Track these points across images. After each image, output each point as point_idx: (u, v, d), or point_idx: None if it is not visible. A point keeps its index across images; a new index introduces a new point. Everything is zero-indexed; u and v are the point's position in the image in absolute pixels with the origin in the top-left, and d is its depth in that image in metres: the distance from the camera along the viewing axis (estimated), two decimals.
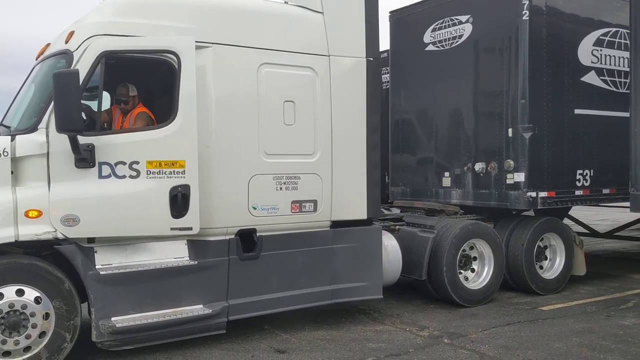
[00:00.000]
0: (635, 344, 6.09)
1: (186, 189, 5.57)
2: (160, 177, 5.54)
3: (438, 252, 7.68)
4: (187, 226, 5.62)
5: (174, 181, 5.56)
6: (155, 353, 5.84)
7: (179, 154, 5.58)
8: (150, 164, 5.53)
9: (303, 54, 6.44)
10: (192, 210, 5.60)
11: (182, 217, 5.58)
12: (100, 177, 5.43)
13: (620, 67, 8.91)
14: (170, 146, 5.58)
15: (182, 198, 5.56)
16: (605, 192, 8.94)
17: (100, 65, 5.46)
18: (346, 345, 6.20)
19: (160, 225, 5.60)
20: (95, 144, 5.40)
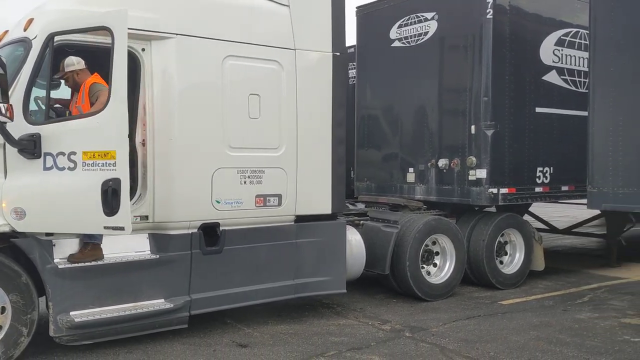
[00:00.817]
0: (590, 337, 6.26)
1: (117, 184, 5.09)
2: (94, 169, 5.13)
3: (401, 246, 7.76)
4: (119, 225, 5.15)
5: (106, 174, 5.11)
6: (115, 348, 5.75)
7: (110, 143, 5.12)
8: (86, 154, 5.14)
9: (269, 47, 6.41)
10: (123, 207, 5.14)
11: (114, 214, 5.11)
12: (45, 169, 5.19)
13: (580, 67, 9.12)
14: (103, 135, 5.14)
15: (113, 193, 5.10)
16: (564, 189, 9.14)
17: (49, 49, 5.22)
18: (309, 339, 6.21)
19: (95, 223, 5.20)
20: (41, 133, 5.16)
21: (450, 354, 5.77)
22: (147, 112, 5.84)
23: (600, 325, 6.72)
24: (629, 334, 6.39)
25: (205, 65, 6.03)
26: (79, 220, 5.27)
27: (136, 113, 5.85)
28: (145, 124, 5.85)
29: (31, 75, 5.25)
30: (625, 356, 5.69)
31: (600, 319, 6.97)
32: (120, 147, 5.12)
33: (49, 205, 5.24)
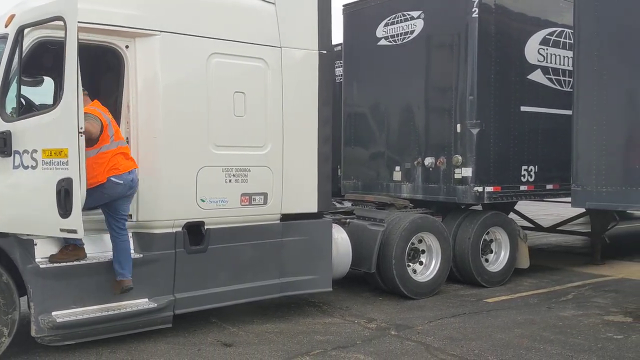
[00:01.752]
0: (574, 335, 6.30)
1: (69, 184, 4.83)
2: (51, 168, 4.91)
3: (387, 245, 7.76)
4: (71, 228, 4.90)
5: (60, 173, 4.88)
6: (98, 348, 5.70)
7: (63, 141, 4.89)
8: (44, 152, 4.94)
9: (254, 45, 6.37)
10: (74, 209, 4.87)
11: (68, 217, 4.86)
12: (14, 167, 5.06)
13: (564, 66, 9.18)
14: (57, 132, 4.93)
15: (65, 194, 4.86)
16: (549, 187, 9.20)
17: (19, 43, 5.05)
18: (294, 337, 6.20)
19: (51, 225, 4.98)
20: (11, 130, 5.04)
21: (436, 352, 5.79)
22: (131, 110, 5.79)
23: (584, 322, 6.77)
24: (612, 331, 6.44)
25: (190, 63, 5.99)
26: (39, 222, 5.09)
27: (120, 111, 5.80)
28: (129, 121, 5.80)
29: (4, 72, 5.10)
30: (608, 353, 5.74)
31: (583, 316, 7.02)
32: (71, 145, 4.86)
33: (16, 205, 5.11)
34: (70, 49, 4.87)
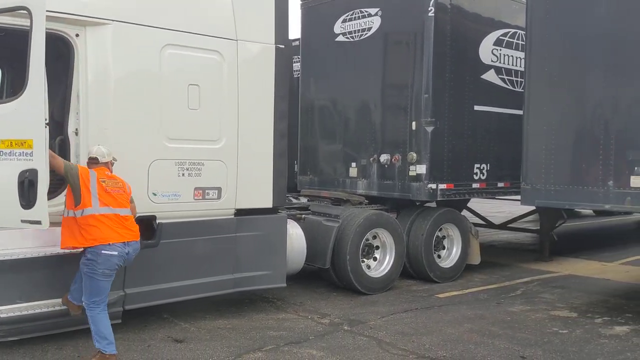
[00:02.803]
0: (521, 330, 6.46)
1: (33, 175, 4.77)
2: (11, 159, 4.82)
3: (342, 241, 7.79)
4: (35, 219, 4.85)
5: (23, 164, 4.80)
6: (44, 344, 5.55)
7: (27, 131, 4.81)
8: (3, 143, 4.83)
9: (210, 37, 6.28)
10: (39, 200, 4.82)
11: (31, 208, 4.81)
12: None
13: (517, 67, 9.38)
14: (20, 122, 4.83)
15: (30, 185, 4.79)
16: (500, 185, 9.40)
17: None
18: (247, 333, 6.17)
19: (11, 216, 4.90)
20: None
21: (387, 347, 5.84)
22: (81, 101, 5.62)
23: (531, 317, 6.94)
24: (558, 326, 6.63)
25: (142, 54, 5.86)
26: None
27: (69, 101, 5.64)
28: (79, 112, 5.64)
29: None
30: (553, 347, 5.90)
31: (531, 311, 7.20)
32: (37, 136, 4.79)
33: None
34: (37, 38, 4.76)
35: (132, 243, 5.20)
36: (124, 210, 5.22)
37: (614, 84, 6.89)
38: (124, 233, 5.14)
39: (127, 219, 5.22)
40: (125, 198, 5.28)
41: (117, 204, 5.17)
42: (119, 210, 5.17)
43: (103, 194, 5.10)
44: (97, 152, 5.35)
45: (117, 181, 5.30)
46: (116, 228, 5.09)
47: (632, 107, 6.92)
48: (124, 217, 5.19)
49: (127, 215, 5.24)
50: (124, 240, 5.12)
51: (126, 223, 5.20)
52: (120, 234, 5.11)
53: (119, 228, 5.11)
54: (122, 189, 5.28)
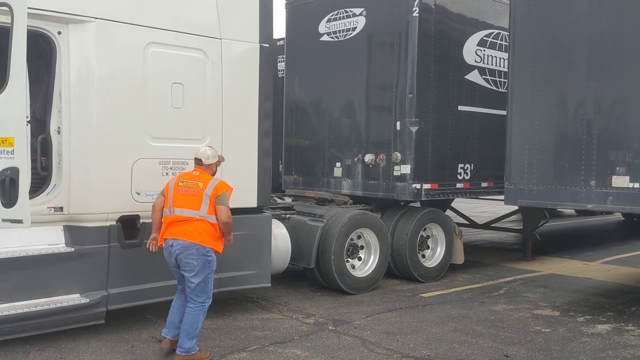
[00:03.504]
0: (504, 329, 6.50)
1: (15, 173, 4.76)
2: None
3: (327, 240, 7.79)
4: (17, 218, 4.83)
5: (4, 162, 4.78)
6: (25, 345, 5.48)
7: (8, 129, 4.78)
8: None
9: (194, 36, 6.25)
10: (21, 199, 4.81)
11: (12, 206, 4.81)
12: None
13: (500, 68, 9.45)
14: (1, 120, 4.81)
15: (11, 183, 4.78)
16: (483, 185, 9.46)
17: None
18: (231, 333, 6.14)
19: None
20: None
21: (372, 347, 5.85)
22: (63, 99, 5.57)
23: (515, 316, 6.99)
24: (540, 324, 6.68)
25: (126, 52, 5.82)
26: None
27: (51, 99, 5.57)
28: (61, 111, 5.58)
29: None
30: (536, 346, 5.95)
31: (514, 310, 7.26)
32: (18, 134, 4.77)
33: None
34: (18, 36, 4.72)
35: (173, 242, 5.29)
36: (184, 210, 5.29)
37: (595, 84, 6.96)
38: (172, 231, 5.29)
39: (180, 219, 5.28)
40: (192, 200, 5.30)
41: (177, 204, 5.32)
42: (178, 210, 5.31)
43: (176, 196, 5.34)
44: (203, 154, 5.55)
45: (195, 182, 5.38)
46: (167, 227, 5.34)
47: (614, 107, 7.01)
48: (179, 217, 5.29)
49: (182, 216, 5.29)
50: (169, 236, 5.32)
51: (178, 222, 5.28)
52: (169, 232, 5.31)
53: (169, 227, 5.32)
54: (193, 189, 5.33)
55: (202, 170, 5.52)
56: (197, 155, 5.54)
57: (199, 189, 5.33)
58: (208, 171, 5.55)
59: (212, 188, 5.34)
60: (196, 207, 5.28)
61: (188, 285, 5.31)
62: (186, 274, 5.28)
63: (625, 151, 6.72)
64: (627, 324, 6.73)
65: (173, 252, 5.27)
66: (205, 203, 5.29)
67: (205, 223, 5.28)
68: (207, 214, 5.29)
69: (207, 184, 5.35)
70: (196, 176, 5.43)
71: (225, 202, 5.36)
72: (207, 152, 5.56)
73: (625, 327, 6.63)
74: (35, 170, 5.51)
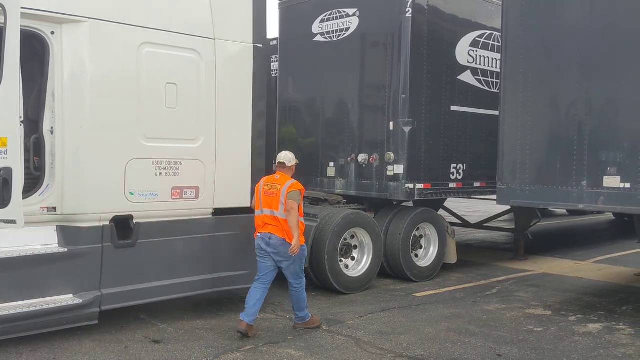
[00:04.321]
0: (497, 328, 6.54)
1: (8, 173, 4.76)
2: None
3: (320, 240, 7.81)
4: (10, 218, 4.83)
5: None
6: (18, 346, 5.46)
7: (1, 129, 4.78)
8: None
9: (187, 36, 6.25)
10: (14, 199, 4.82)
11: (5, 207, 4.81)
12: None
13: (492, 68, 9.49)
14: None
15: (4, 184, 4.78)
16: (476, 185, 9.50)
17: None
18: (225, 333, 6.14)
19: None
20: None
21: (365, 346, 5.87)
22: (56, 99, 5.56)
23: (507, 316, 7.03)
24: (533, 324, 6.72)
25: (119, 52, 5.81)
26: None
27: (44, 99, 5.56)
28: (54, 111, 5.57)
29: None
30: (528, 345, 5.99)
31: (507, 310, 7.30)
32: (11, 134, 4.77)
33: None
34: (12, 36, 4.72)
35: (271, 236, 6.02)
36: (270, 210, 6.04)
37: (587, 84, 7.01)
38: (267, 229, 6.05)
39: (269, 218, 6.05)
40: (273, 201, 6.00)
41: (264, 205, 6.07)
42: (268, 211, 6.04)
43: (263, 198, 6.10)
44: (285, 157, 6.27)
45: (275, 185, 6.08)
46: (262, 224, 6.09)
47: (605, 108, 7.06)
48: (267, 216, 6.05)
49: (270, 216, 6.04)
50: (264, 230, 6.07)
51: (266, 220, 6.06)
52: (265, 228, 6.07)
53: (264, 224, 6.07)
54: (274, 191, 6.04)
55: (283, 173, 6.21)
56: (280, 160, 6.23)
57: (277, 190, 6.03)
58: (289, 173, 6.24)
59: (286, 188, 5.99)
60: (276, 207, 6.01)
61: (287, 273, 6.17)
62: (282, 265, 6.09)
63: (617, 152, 6.78)
64: (618, 323, 6.78)
65: (272, 244, 6.03)
66: (281, 203, 5.97)
67: (285, 221, 5.97)
68: (285, 213, 5.97)
69: (283, 185, 6.02)
70: (277, 179, 6.12)
71: (296, 198, 5.98)
72: (288, 156, 6.28)
73: (617, 326, 6.69)
74: (29, 170, 5.50)
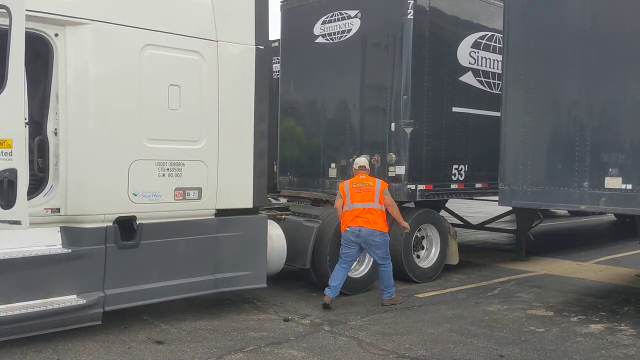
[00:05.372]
0: (499, 329, 6.55)
1: (13, 174, 4.82)
2: None
3: (322, 241, 7.82)
4: (15, 219, 4.89)
5: (3, 164, 4.83)
6: (22, 347, 5.48)
7: (6, 131, 4.83)
8: None
9: (190, 38, 6.27)
10: (19, 200, 4.87)
11: (10, 207, 4.85)
12: None
13: (494, 70, 9.51)
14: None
15: (9, 185, 4.82)
16: (477, 186, 9.52)
17: None
18: (227, 334, 6.16)
19: None
20: None
21: (368, 347, 5.89)
22: (60, 101, 5.59)
23: (509, 316, 7.04)
24: (535, 324, 6.73)
25: (123, 54, 5.83)
26: None
27: (48, 101, 5.59)
28: (58, 112, 5.59)
29: None
30: (530, 346, 6.00)
31: (508, 310, 7.31)
32: (16, 135, 4.84)
33: None
34: (16, 38, 4.76)
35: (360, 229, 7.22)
36: (363, 203, 7.27)
37: (588, 85, 7.02)
38: (358, 221, 7.23)
39: (361, 210, 7.25)
40: (367, 195, 7.31)
41: (356, 200, 7.29)
42: (361, 204, 7.27)
43: (354, 194, 7.31)
44: (364, 162, 7.64)
45: (366, 183, 7.40)
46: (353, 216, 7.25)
47: (606, 109, 7.08)
48: (359, 209, 7.25)
49: (363, 208, 7.26)
50: (355, 225, 7.23)
51: (357, 212, 7.24)
52: (355, 221, 7.23)
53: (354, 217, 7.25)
54: (366, 188, 7.34)
55: (366, 173, 7.56)
56: (362, 164, 7.58)
57: (370, 187, 7.35)
58: (369, 174, 7.61)
59: (379, 185, 7.40)
60: (371, 200, 7.30)
61: (375, 257, 7.43)
62: (373, 250, 7.32)
63: (618, 153, 6.79)
64: (620, 324, 6.79)
65: (362, 235, 7.20)
66: (377, 196, 7.31)
67: (379, 210, 7.31)
68: (379, 204, 7.33)
69: (375, 183, 7.40)
70: (364, 179, 7.46)
71: (389, 193, 7.48)
72: (366, 161, 7.70)
73: (618, 326, 6.70)
74: (32, 171, 5.52)
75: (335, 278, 7.25)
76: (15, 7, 4.77)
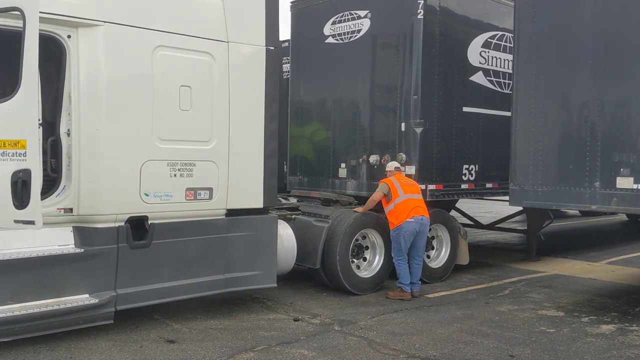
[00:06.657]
0: (509, 329, 6.54)
1: (27, 175, 4.88)
2: (4, 159, 4.90)
3: (332, 241, 7.84)
4: (29, 219, 4.93)
5: (16, 165, 4.89)
6: (36, 345, 5.54)
7: (20, 132, 4.90)
8: None
9: (201, 39, 6.30)
10: (33, 200, 4.92)
11: (24, 208, 4.90)
12: None
13: (504, 69, 9.48)
14: (13, 122, 4.91)
15: (23, 185, 4.88)
16: (488, 186, 9.50)
17: None
18: (238, 334, 6.19)
19: (4, 217, 4.96)
20: None
21: (378, 347, 5.89)
22: (73, 102, 5.64)
23: (519, 317, 7.03)
24: (545, 325, 6.72)
25: (134, 55, 5.87)
26: None
27: (61, 102, 5.64)
28: (71, 113, 5.65)
29: None
30: (541, 346, 5.99)
31: (519, 311, 7.29)
32: (30, 136, 4.89)
33: None
34: (30, 39, 4.81)
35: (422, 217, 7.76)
36: (415, 195, 7.82)
37: (599, 85, 7.00)
38: (418, 210, 7.72)
39: (416, 200, 7.79)
40: (415, 188, 7.93)
41: (408, 192, 7.80)
42: (414, 195, 7.83)
43: (405, 187, 7.79)
44: (398, 164, 8.14)
45: (409, 179, 8.08)
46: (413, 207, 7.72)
47: (617, 108, 7.04)
48: (415, 199, 7.78)
49: (417, 198, 7.81)
50: (417, 214, 7.70)
51: (413, 202, 7.74)
52: (416, 211, 7.70)
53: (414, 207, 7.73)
54: (412, 182, 8.02)
55: (401, 172, 8.11)
56: (397, 166, 8.08)
57: (414, 182, 8.00)
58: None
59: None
60: (419, 192, 7.90)
61: (420, 247, 7.86)
62: (422, 238, 7.81)
63: (629, 152, 6.76)
64: (631, 324, 6.76)
65: (424, 224, 7.75)
66: (421, 190, 8.00)
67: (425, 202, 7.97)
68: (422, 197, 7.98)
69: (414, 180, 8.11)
70: (405, 177, 8.07)
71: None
72: (400, 163, 8.26)
73: (630, 327, 6.67)
74: (45, 172, 5.57)
75: (404, 274, 7.75)
76: (29, 9, 4.82)
